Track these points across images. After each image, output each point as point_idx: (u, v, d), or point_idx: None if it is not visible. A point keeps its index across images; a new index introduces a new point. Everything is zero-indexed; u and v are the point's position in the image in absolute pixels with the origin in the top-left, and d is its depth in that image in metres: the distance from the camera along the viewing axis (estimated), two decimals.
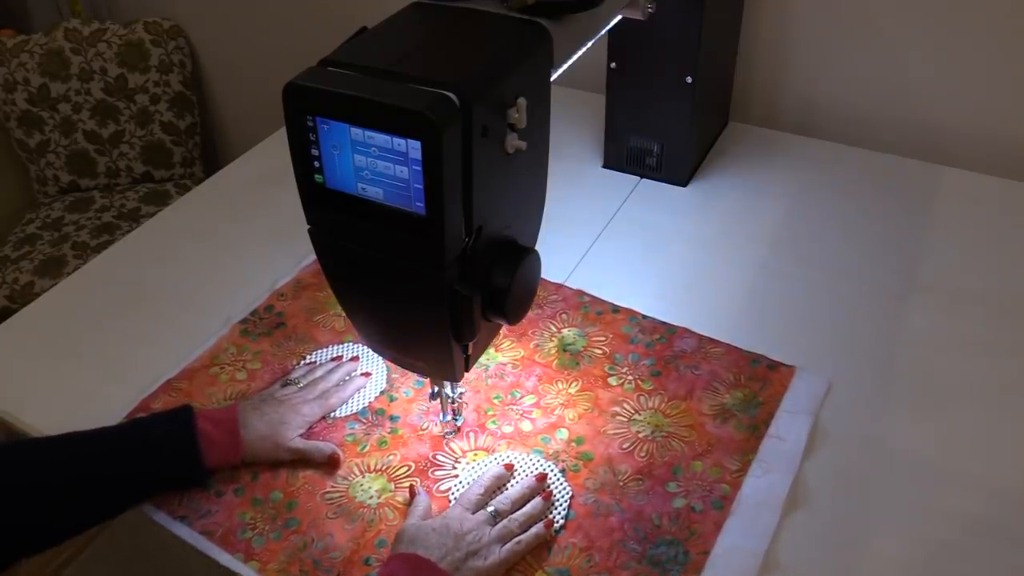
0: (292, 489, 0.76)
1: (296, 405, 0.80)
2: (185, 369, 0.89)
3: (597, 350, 0.87)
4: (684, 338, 0.88)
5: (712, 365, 0.85)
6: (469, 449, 0.79)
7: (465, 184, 0.55)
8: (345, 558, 0.71)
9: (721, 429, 0.79)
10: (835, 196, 1.07)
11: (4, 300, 1.60)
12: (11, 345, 0.95)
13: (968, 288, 0.92)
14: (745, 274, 0.97)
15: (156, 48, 1.78)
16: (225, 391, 0.86)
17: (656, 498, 0.73)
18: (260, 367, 0.89)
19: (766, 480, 0.74)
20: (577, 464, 0.77)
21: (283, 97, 0.55)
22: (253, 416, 0.77)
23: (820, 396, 0.81)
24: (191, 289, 1.00)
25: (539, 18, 0.62)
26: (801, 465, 0.75)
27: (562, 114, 1.09)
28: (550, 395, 0.83)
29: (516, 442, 0.79)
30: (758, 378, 0.83)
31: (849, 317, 0.90)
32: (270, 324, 0.93)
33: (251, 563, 0.71)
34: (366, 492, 0.76)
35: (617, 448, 0.78)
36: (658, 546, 0.70)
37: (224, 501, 0.76)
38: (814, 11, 1.14)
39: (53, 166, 1.83)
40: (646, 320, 0.90)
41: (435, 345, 0.65)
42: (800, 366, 0.83)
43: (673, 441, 0.78)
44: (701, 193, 1.10)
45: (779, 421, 0.79)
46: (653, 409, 0.81)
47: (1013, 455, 0.76)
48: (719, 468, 0.75)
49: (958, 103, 1.11)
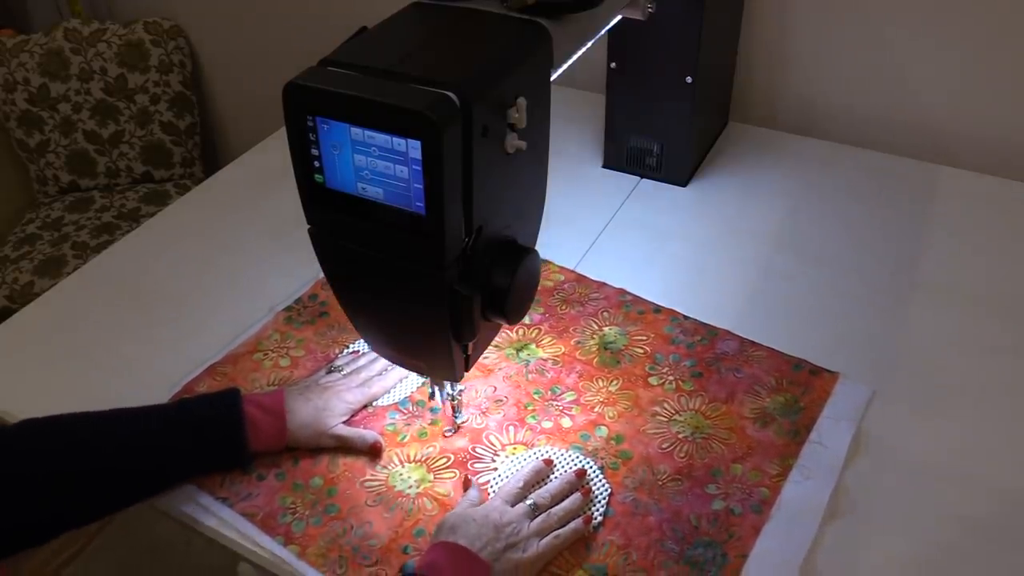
0: (332, 476, 0.77)
1: (340, 392, 0.81)
2: (229, 354, 0.90)
3: (638, 349, 0.88)
4: (726, 340, 0.88)
5: (753, 368, 0.84)
6: (508, 443, 0.80)
7: (465, 184, 0.55)
8: (384, 546, 0.71)
9: (761, 433, 0.78)
10: (835, 196, 1.07)
11: (4, 300, 1.60)
12: (11, 345, 0.95)
13: (968, 288, 0.92)
14: (745, 274, 0.97)
15: (156, 48, 1.78)
16: (268, 377, 0.87)
17: (695, 499, 0.73)
18: (303, 354, 0.90)
19: (806, 486, 0.73)
20: (616, 462, 0.77)
21: (283, 97, 0.55)
22: (298, 402, 0.78)
23: (863, 404, 0.80)
24: (190, 289, 1.00)
25: (539, 18, 0.62)
26: (843, 473, 0.74)
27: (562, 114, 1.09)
28: (590, 392, 0.84)
29: (555, 438, 0.80)
30: (800, 383, 0.82)
31: (849, 317, 0.90)
32: (313, 313, 0.94)
33: (291, 547, 0.72)
34: (405, 482, 0.76)
35: (656, 448, 0.78)
36: (696, 547, 0.70)
37: (265, 485, 0.76)
38: (814, 11, 1.14)
39: (53, 166, 1.83)
40: (688, 321, 0.90)
41: (435, 345, 0.65)
42: (845, 373, 0.83)
43: (713, 443, 0.78)
44: (701, 193, 1.10)
45: (821, 427, 0.78)
46: (693, 410, 0.81)
47: (1013, 455, 0.76)
48: (759, 472, 0.75)
49: (958, 103, 1.11)
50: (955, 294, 0.92)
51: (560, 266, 0.98)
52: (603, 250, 1.02)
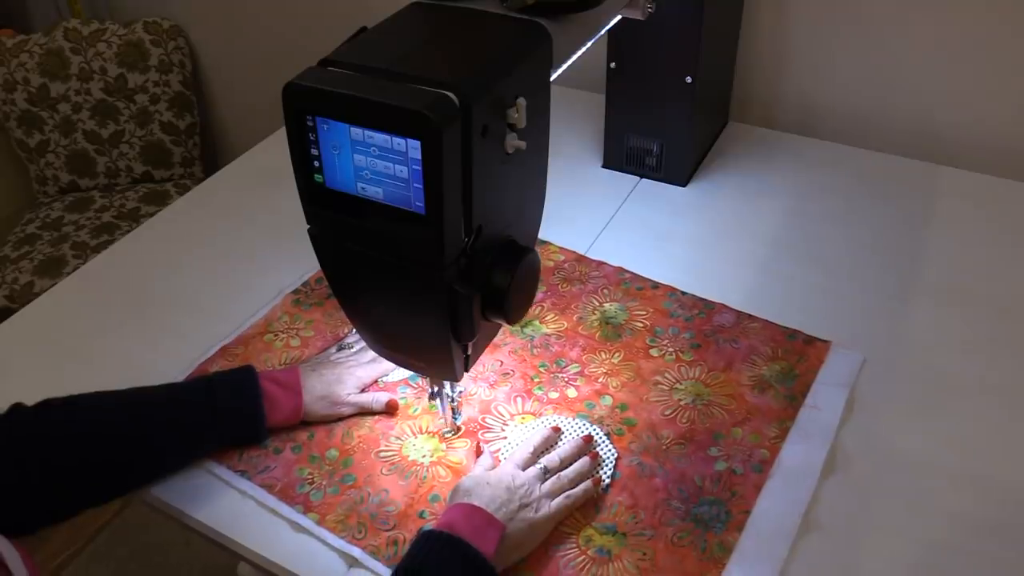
0: (348, 447, 0.79)
1: (351, 367, 0.83)
2: (240, 336, 0.92)
3: (638, 323, 0.90)
4: (722, 313, 0.91)
5: (750, 339, 0.87)
6: (517, 413, 0.82)
7: (465, 184, 0.55)
8: (400, 512, 0.73)
9: (760, 399, 0.81)
10: (834, 196, 1.07)
11: (4, 300, 1.60)
12: (11, 345, 0.95)
13: (968, 288, 0.92)
14: (745, 274, 0.97)
15: (156, 48, 1.78)
16: (280, 357, 0.89)
17: (698, 461, 0.76)
18: (313, 335, 0.92)
19: (804, 446, 0.76)
20: (621, 428, 0.79)
21: (283, 97, 0.55)
22: (312, 377, 0.80)
23: (855, 370, 0.83)
24: (190, 289, 1.00)
25: (539, 18, 0.62)
26: (837, 434, 0.78)
27: (562, 114, 1.09)
28: (594, 364, 0.86)
29: (562, 407, 0.82)
30: (795, 352, 0.85)
31: (848, 318, 0.90)
32: (321, 295, 0.96)
33: (310, 515, 0.74)
34: (419, 451, 0.79)
35: (659, 414, 0.80)
36: (701, 505, 0.73)
37: (282, 458, 0.78)
38: (814, 11, 1.14)
39: (53, 166, 1.83)
40: (685, 296, 0.93)
41: (435, 345, 0.65)
42: (837, 341, 0.86)
43: (713, 409, 0.81)
44: (701, 193, 1.10)
45: (816, 392, 0.81)
46: (694, 379, 0.84)
47: (1014, 455, 0.76)
48: (758, 434, 0.78)
49: (958, 103, 1.11)
50: (955, 294, 0.92)
51: (560, 246, 1.01)
52: (603, 250, 1.02)
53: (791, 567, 0.68)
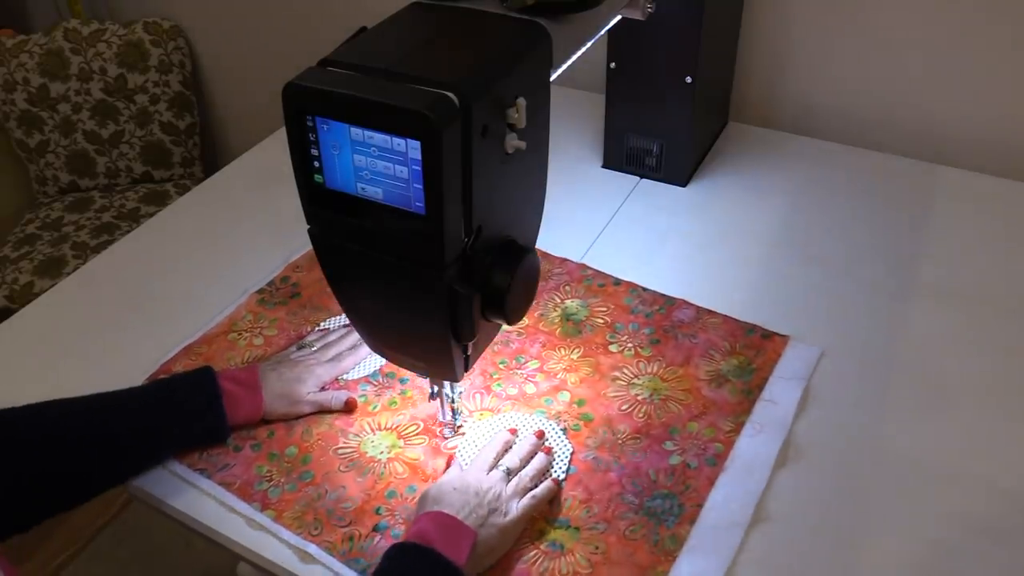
0: (306, 445, 0.80)
1: (311, 366, 0.83)
2: (204, 335, 0.92)
3: (599, 319, 0.91)
4: (683, 309, 0.92)
5: (709, 334, 0.88)
6: (475, 409, 0.82)
7: (465, 184, 0.55)
8: (357, 508, 0.74)
9: (716, 393, 0.82)
10: (834, 196, 1.07)
11: (4, 300, 1.60)
12: (11, 345, 0.95)
13: (967, 288, 0.92)
14: (744, 274, 0.97)
15: (156, 48, 1.78)
16: (243, 355, 0.90)
17: (653, 455, 0.77)
18: (276, 333, 0.92)
19: (758, 439, 0.77)
20: (578, 424, 0.80)
21: (283, 97, 0.55)
22: (271, 376, 0.81)
23: (812, 364, 0.84)
24: (190, 289, 1.00)
25: (539, 18, 0.62)
26: (792, 427, 0.78)
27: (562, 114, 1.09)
28: (553, 360, 0.87)
29: (520, 403, 0.83)
30: (753, 346, 0.86)
31: (848, 317, 0.90)
32: (286, 294, 0.97)
33: (267, 512, 0.74)
34: (376, 448, 0.79)
35: (616, 409, 0.81)
36: (654, 499, 0.73)
37: (242, 456, 0.79)
38: (814, 11, 1.14)
39: (53, 166, 1.83)
40: (646, 292, 0.94)
41: (435, 345, 0.65)
42: (795, 335, 0.86)
43: (670, 403, 0.81)
44: (701, 193, 1.10)
45: (772, 386, 0.82)
46: (651, 374, 0.84)
47: (1012, 455, 0.76)
48: (713, 428, 0.79)
49: (958, 103, 1.11)
50: (954, 294, 0.92)
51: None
52: (603, 250, 1.02)
53: (742, 558, 0.69)
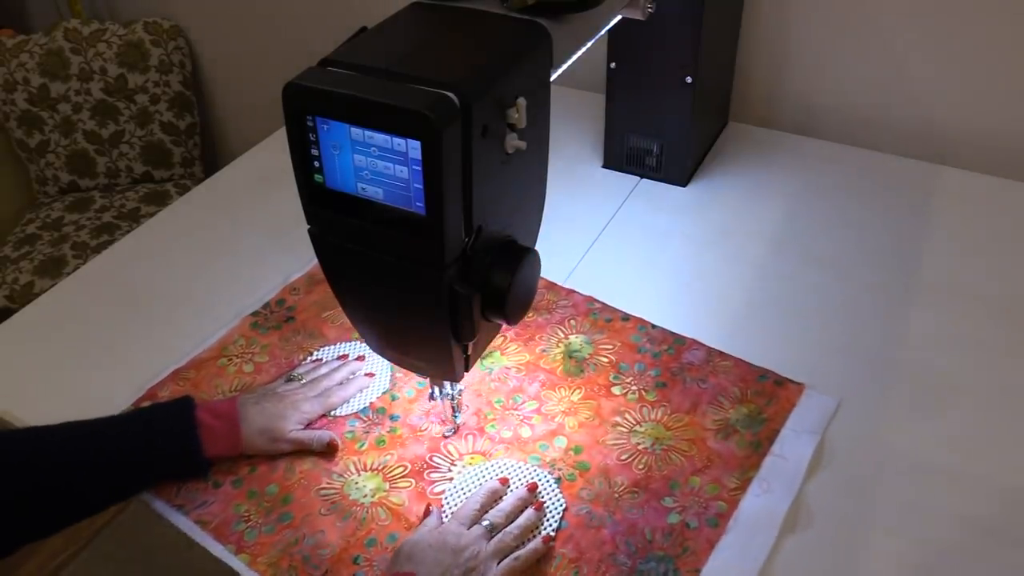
0: (288, 483, 0.77)
1: (296, 402, 0.81)
2: (194, 359, 0.89)
3: (603, 358, 0.87)
4: (693, 350, 0.87)
5: (719, 379, 0.83)
6: (467, 452, 0.79)
7: (465, 184, 0.55)
8: (335, 555, 0.71)
9: (723, 445, 0.77)
10: (835, 196, 1.07)
11: (4, 300, 1.60)
12: (11, 345, 0.95)
13: (968, 288, 0.92)
14: (744, 274, 0.97)
15: (156, 48, 1.78)
16: (231, 382, 0.87)
17: (651, 512, 0.72)
18: (267, 360, 0.89)
19: (764, 500, 0.72)
20: (573, 473, 0.76)
21: (283, 97, 0.55)
22: (253, 410, 0.78)
23: (828, 416, 0.79)
24: (191, 289, 1.00)
25: (539, 18, 0.62)
26: (803, 486, 0.73)
27: (562, 114, 1.09)
28: (552, 401, 0.83)
29: (514, 448, 0.79)
30: (765, 394, 0.81)
31: (848, 318, 0.90)
32: (280, 318, 0.94)
33: (242, 555, 0.72)
34: (360, 491, 0.76)
35: (615, 459, 0.77)
36: (648, 561, 0.69)
37: (221, 492, 0.77)
38: (814, 11, 1.14)
39: (53, 166, 1.83)
40: (655, 330, 0.89)
41: (435, 345, 0.65)
42: (809, 384, 0.82)
43: (673, 455, 0.77)
44: (701, 193, 1.10)
45: (783, 440, 0.77)
46: (655, 421, 0.80)
47: (1014, 455, 0.76)
48: (717, 485, 0.74)
49: (958, 103, 1.11)
50: (955, 294, 0.92)
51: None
52: (603, 250, 1.02)
53: None
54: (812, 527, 0.71)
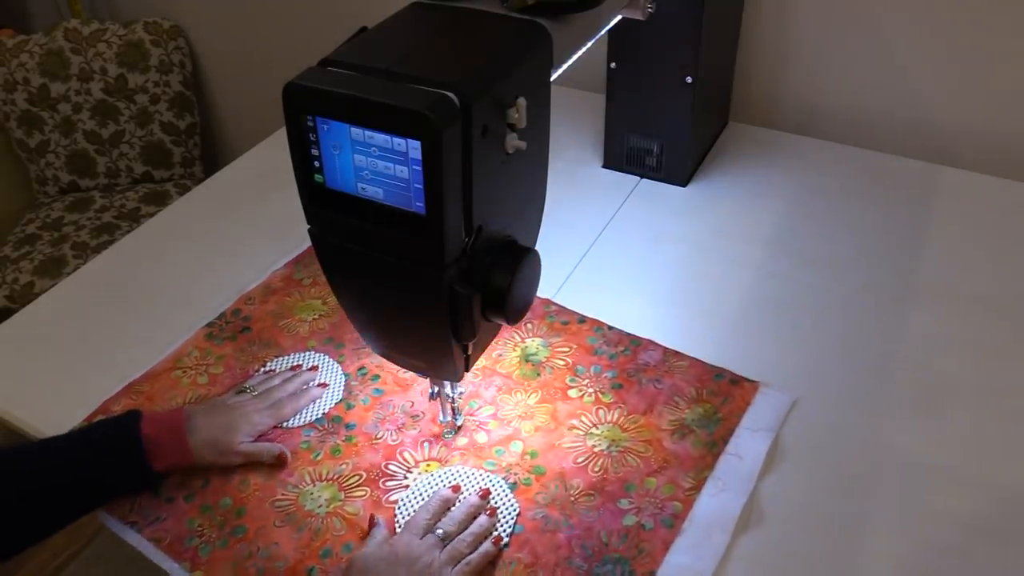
0: (242, 495, 0.76)
1: (247, 413, 0.79)
2: (147, 372, 0.88)
3: (559, 361, 0.86)
4: (649, 350, 0.87)
5: (675, 379, 0.83)
6: (422, 459, 0.78)
7: (465, 184, 0.55)
8: (289, 567, 0.70)
9: (678, 445, 0.77)
10: (835, 196, 1.07)
11: (4, 300, 1.60)
12: (11, 345, 0.95)
13: (968, 288, 0.92)
14: (744, 274, 0.97)
15: (156, 48, 1.78)
16: (186, 395, 0.86)
17: (606, 514, 0.72)
18: (222, 371, 0.88)
19: (719, 499, 0.72)
20: (529, 478, 0.76)
21: (283, 97, 0.55)
22: (202, 422, 0.77)
23: (783, 413, 0.79)
24: (190, 289, 1.00)
25: (539, 18, 0.62)
26: (757, 485, 0.74)
27: (562, 114, 1.09)
28: (508, 406, 0.82)
29: (469, 454, 0.78)
30: (720, 393, 0.82)
31: (848, 317, 0.90)
32: (235, 328, 0.93)
33: (196, 573, 0.71)
34: (315, 501, 0.75)
35: (571, 462, 0.77)
36: (604, 564, 0.69)
37: (174, 507, 0.75)
38: (814, 11, 1.14)
39: (53, 166, 1.83)
40: (612, 331, 0.89)
41: (435, 345, 0.65)
42: (765, 382, 0.82)
43: (628, 456, 0.77)
44: (701, 193, 1.10)
45: (738, 438, 0.77)
46: (611, 423, 0.80)
47: (1012, 455, 0.76)
48: (672, 485, 0.74)
49: (958, 103, 1.11)
50: (956, 294, 0.92)
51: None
52: (603, 250, 1.02)
53: None
54: (763, 525, 0.71)
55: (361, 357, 0.89)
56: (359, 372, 0.87)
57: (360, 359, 0.89)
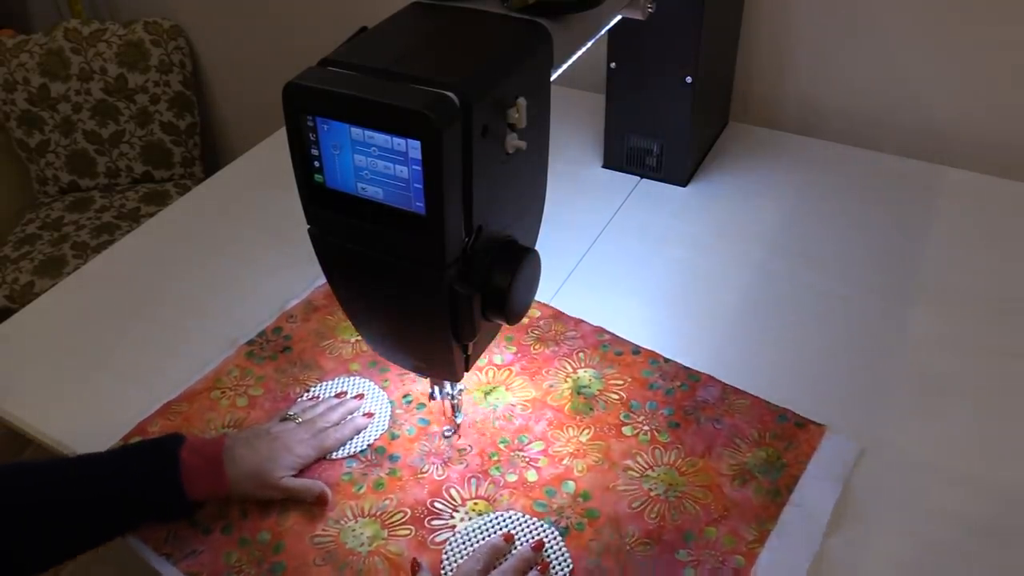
0: (281, 530, 0.73)
1: (290, 444, 0.76)
2: (186, 391, 0.86)
3: (613, 395, 0.83)
4: (708, 387, 0.83)
5: (735, 419, 0.79)
6: (469, 497, 0.75)
7: (465, 184, 0.55)
8: None
9: (739, 492, 0.73)
10: (835, 196, 1.07)
11: (4, 300, 1.60)
12: (11, 345, 0.95)
13: (969, 288, 0.92)
14: (744, 275, 0.97)
15: (156, 48, 1.78)
16: (224, 417, 0.83)
17: (664, 566, 0.68)
18: (262, 393, 0.86)
19: (784, 555, 0.68)
20: (582, 523, 0.72)
21: (283, 97, 0.55)
22: (243, 451, 0.74)
23: (851, 461, 0.75)
24: (190, 289, 1.00)
25: (539, 18, 0.62)
26: (825, 540, 0.69)
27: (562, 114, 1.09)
28: (559, 442, 0.79)
29: (519, 493, 0.75)
30: (784, 436, 0.77)
31: (848, 318, 0.90)
32: (276, 348, 0.91)
33: None
34: (357, 539, 0.72)
35: (626, 507, 0.73)
36: None
37: (211, 539, 0.73)
38: (814, 11, 1.14)
39: (53, 166, 1.83)
40: (668, 364, 0.85)
41: (435, 345, 0.65)
42: (830, 425, 0.78)
43: (687, 502, 0.73)
44: (701, 193, 1.10)
45: (803, 487, 0.73)
46: (668, 465, 0.76)
47: (1012, 455, 0.76)
48: (734, 537, 0.70)
49: (959, 103, 1.11)
50: (957, 294, 0.92)
51: (536, 300, 0.87)
52: (603, 250, 1.02)
53: None
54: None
55: (406, 383, 0.86)
56: (404, 399, 0.84)
57: (405, 385, 0.85)
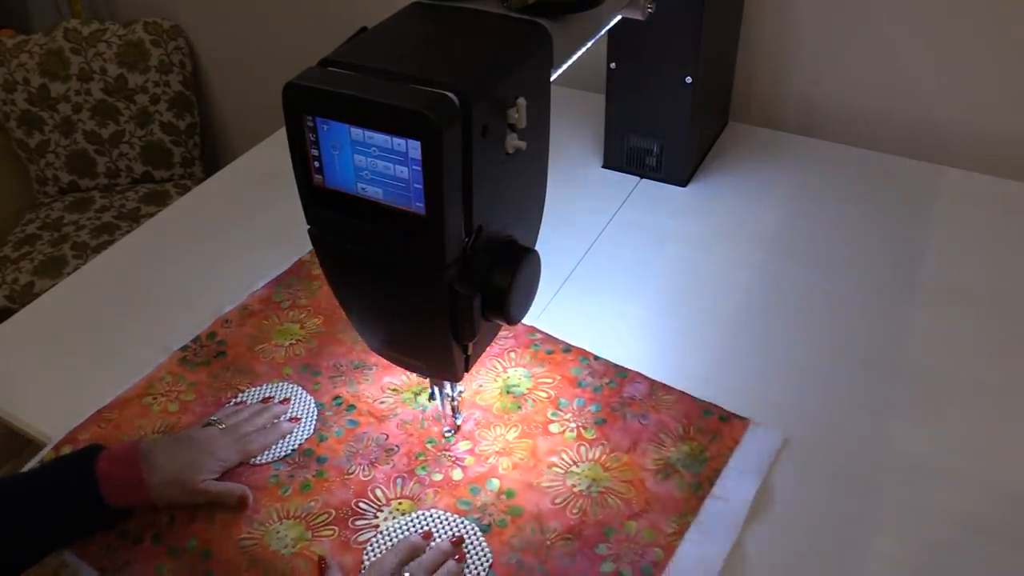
0: (208, 536, 0.72)
1: (211, 449, 0.75)
2: (118, 398, 0.85)
3: (542, 392, 0.83)
4: (635, 383, 0.83)
5: (661, 414, 0.80)
6: (394, 497, 0.75)
7: (465, 184, 0.55)
8: None
9: (662, 486, 0.74)
10: (835, 196, 1.07)
11: (4, 300, 1.60)
12: (11, 345, 0.95)
13: (968, 288, 0.92)
14: (744, 275, 0.97)
15: (156, 48, 1.78)
16: (155, 423, 0.83)
17: (583, 560, 0.68)
18: (194, 399, 0.85)
19: (702, 548, 0.68)
20: (504, 519, 0.72)
21: (283, 97, 0.55)
22: (162, 457, 0.73)
23: (772, 453, 0.76)
24: (191, 290, 1.00)
25: (539, 18, 0.62)
26: (743, 530, 0.70)
27: (562, 114, 1.09)
28: (486, 441, 0.79)
29: (444, 492, 0.75)
30: (708, 430, 0.78)
31: (848, 317, 0.90)
32: (210, 353, 0.90)
33: None
34: (281, 541, 0.72)
35: (549, 503, 0.73)
36: None
37: (142, 550, 0.72)
38: (814, 11, 1.14)
39: (53, 166, 1.83)
40: (598, 362, 0.85)
41: (435, 345, 0.65)
42: (755, 420, 0.78)
43: (609, 497, 0.73)
44: (701, 193, 1.10)
45: (725, 480, 0.73)
46: (592, 461, 0.76)
47: (1012, 455, 0.76)
48: (654, 530, 0.70)
49: (958, 103, 1.11)
50: (955, 294, 0.92)
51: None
52: (603, 250, 1.02)
53: None
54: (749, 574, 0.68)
55: (337, 386, 0.86)
56: (334, 401, 0.84)
57: (336, 387, 0.85)
